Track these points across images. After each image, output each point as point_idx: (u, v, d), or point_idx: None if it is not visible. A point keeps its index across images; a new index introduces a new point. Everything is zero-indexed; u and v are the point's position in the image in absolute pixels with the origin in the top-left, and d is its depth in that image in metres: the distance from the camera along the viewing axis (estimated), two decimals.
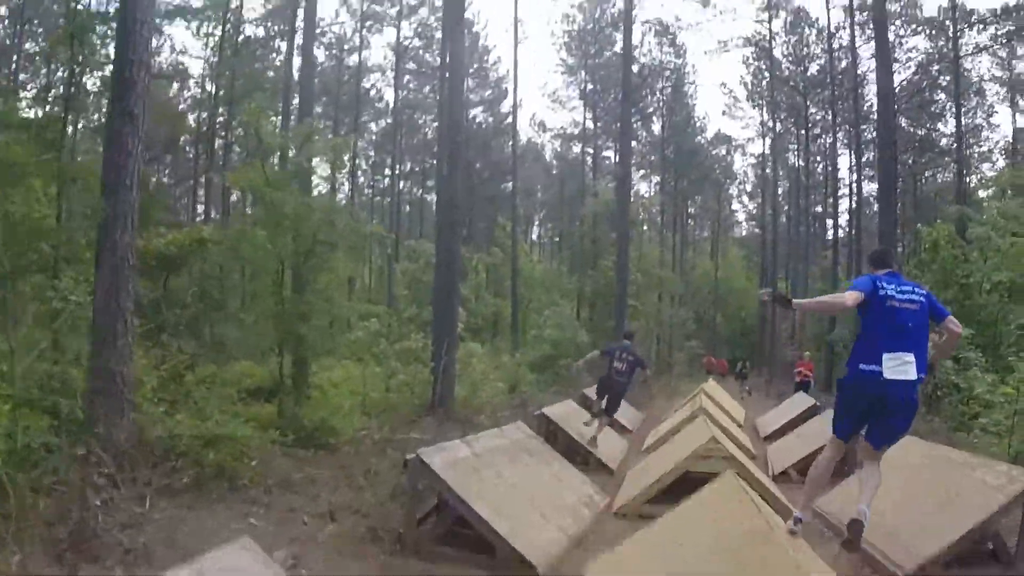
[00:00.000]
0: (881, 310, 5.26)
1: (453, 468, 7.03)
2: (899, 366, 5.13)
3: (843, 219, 48.38)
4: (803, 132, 47.65)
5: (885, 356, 5.14)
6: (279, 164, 15.16)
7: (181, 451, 8.84)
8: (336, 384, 17.01)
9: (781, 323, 46.95)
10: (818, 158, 49.80)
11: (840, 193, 48.81)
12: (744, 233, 67.83)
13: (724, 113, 79.21)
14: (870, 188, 43.80)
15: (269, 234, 13.07)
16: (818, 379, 29.45)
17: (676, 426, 14.70)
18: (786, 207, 53.15)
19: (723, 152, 58.73)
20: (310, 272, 13.64)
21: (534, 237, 65.76)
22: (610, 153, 52.15)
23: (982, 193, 38.18)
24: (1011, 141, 40.69)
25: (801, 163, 49.46)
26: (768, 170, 53.32)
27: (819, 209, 52.01)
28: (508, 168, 44.78)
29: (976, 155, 42.02)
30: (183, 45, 68.23)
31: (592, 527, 8.36)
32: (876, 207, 45.02)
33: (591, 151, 52.50)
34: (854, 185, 43.42)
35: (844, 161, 46.97)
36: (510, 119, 47.26)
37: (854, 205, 42.93)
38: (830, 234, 52.08)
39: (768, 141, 51.69)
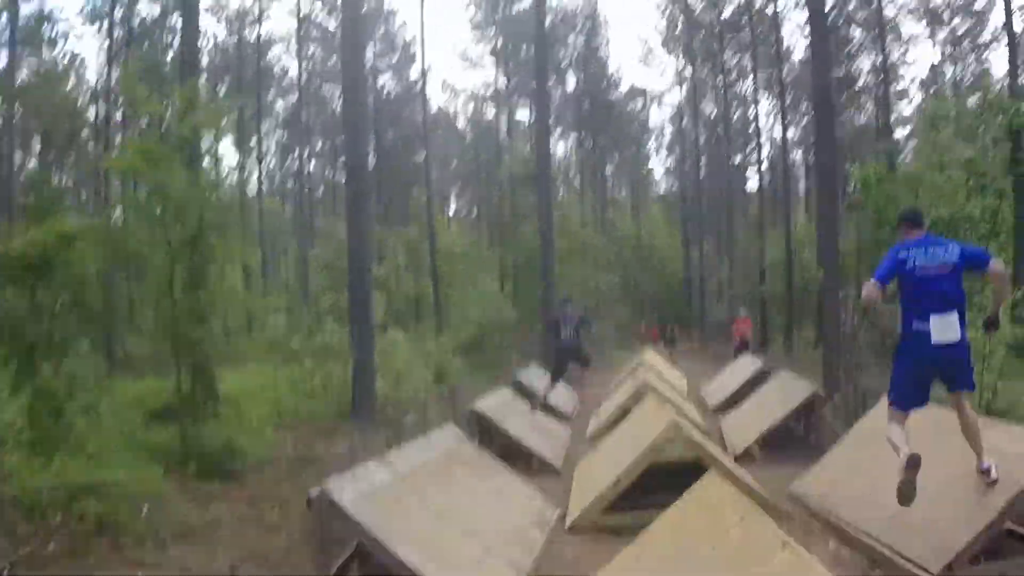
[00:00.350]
0: (914, 278, 5.44)
1: (369, 502, 5.69)
2: (945, 328, 5.31)
3: (765, 166, 47.86)
4: (720, 78, 46.41)
5: (933, 317, 5.33)
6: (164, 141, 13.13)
7: (48, 506, 7.40)
8: (249, 393, 15.43)
9: (708, 280, 46.34)
10: (736, 104, 48.85)
11: (761, 139, 48.36)
12: (663, 190, 67.19)
13: (640, 61, 77.40)
14: (792, 134, 43.36)
15: (150, 222, 11.53)
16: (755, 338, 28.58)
17: (622, 406, 13.50)
18: (704, 159, 52.26)
19: (639, 106, 57.52)
20: (202, 264, 11.86)
21: (451, 212, 64.09)
22: (524, 115, 50.79)
23: (900, 132, 38.07)
24: (930, 74, 40.28)
25: (719, 111, 48.34)
26: (685, 121, 52.31)
27: (738, 159, 51.17)
28: (420, 136, 42.74)
29: (894, 93, 41.38)
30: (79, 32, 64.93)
31: (546, 551, 7.08)
32: (800, 153, 44.85)
33: (505, 115, 50.65)
34: (775, 130, 42.56)
35: (764, 108, 45.95)
36: (419, 85, 45.58)
37: (780, 153, 41.97)
38: (753, 184, 51.68)
39: (684, 90, 50.41)
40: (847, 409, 12.47)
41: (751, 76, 44.38)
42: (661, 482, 7.38)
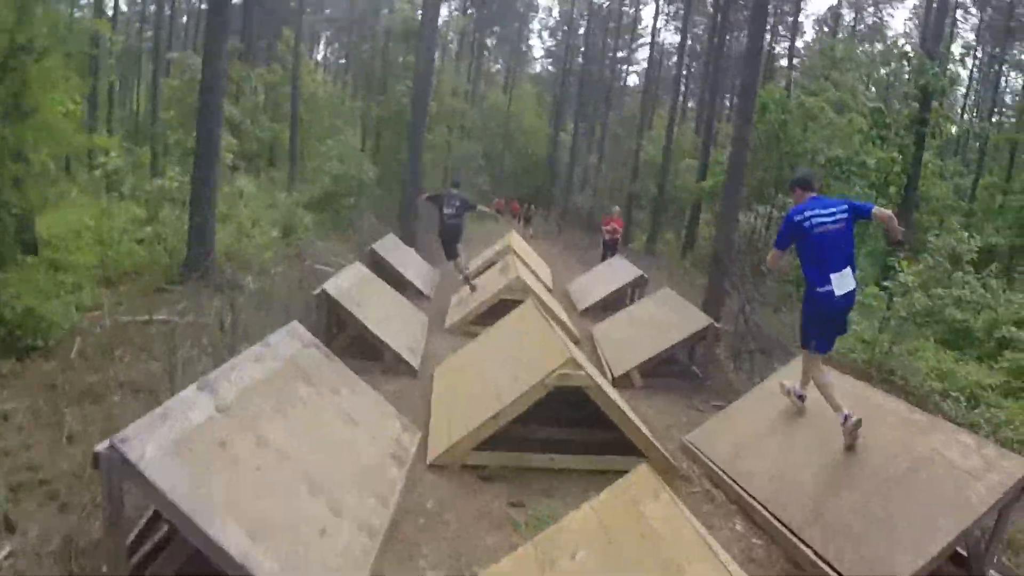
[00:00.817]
0: (813, 239, 5.82)
1: (179, 457, 4.05)
2: (843, 280, 5.77)
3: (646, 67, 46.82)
4: None
5: (833, 276, 5.76)
6: None
7: None
8: (70, 240, 13.45)
9: (574, 167, 45.41)
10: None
11: (641, 41, 47.33)
12: (539, 70, 65.56)
13: None
14: (672, 39, 42.51)
15: None
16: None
17: (490, 301, 12.32)
18: (583, 48, 50.88)
19: None
20: (16, 91, 9.69)
21: (319, 57, 60.43)
22: None
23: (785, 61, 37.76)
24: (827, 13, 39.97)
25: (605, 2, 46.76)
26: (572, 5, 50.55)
27: (620, 54, 49.97)
28: None
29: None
30: None
31: (404, 497, 5.71)
32: (675, 58, 43.89)
33: None
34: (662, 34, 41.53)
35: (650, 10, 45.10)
36: None
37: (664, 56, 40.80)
38: (632, 80, 50.90)
39: None
40: (737, 345, 11.69)
41: None
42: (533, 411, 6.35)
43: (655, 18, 45.52)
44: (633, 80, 54.29)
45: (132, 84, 44.35)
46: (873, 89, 22.45)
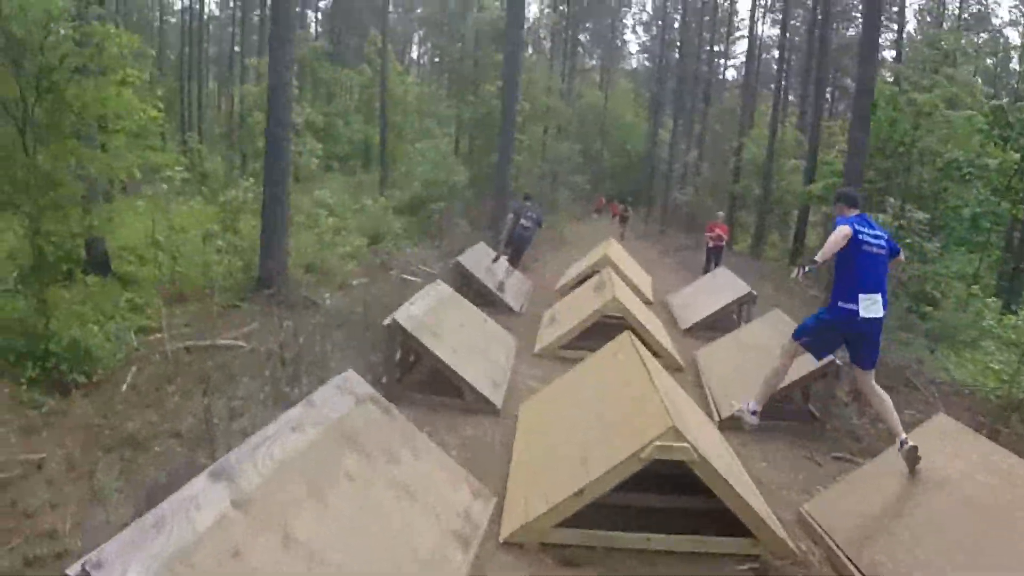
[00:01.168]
0: (858, 254, 5.61)
1: None
2: (872, 305, 5.60)
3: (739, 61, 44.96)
4: None
5: (862, 296, 5.59)
6: None
7: None
8: (144, 251, 12.66)
9: (673, 163, 43.53)
10: None
11: (738, 34, 45.30)
12: (635, 65, 63.75)
13: None
14: (771, 32, 40.33)
15: None
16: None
17: (585, 325, 10.81)
18: (679, 43, 48.87)
19: None
20: (56, 113, 8.75)
21: (413, 56, 59.81)
22: None
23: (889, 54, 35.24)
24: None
25: None
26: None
27: (717, 48, 47.72)
28: None
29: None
30: None
31: None
32: (776, 53, 41.62)
33: None
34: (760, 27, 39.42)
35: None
36: None
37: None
38: (730, 73, 48.85)
39: None
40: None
41: None
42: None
43: (752, 10, 43.19)
44: (731, 74, 52.03)
45: (229, 88, 44.33)
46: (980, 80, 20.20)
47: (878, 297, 5.64)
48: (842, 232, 5.57)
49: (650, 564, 5.10)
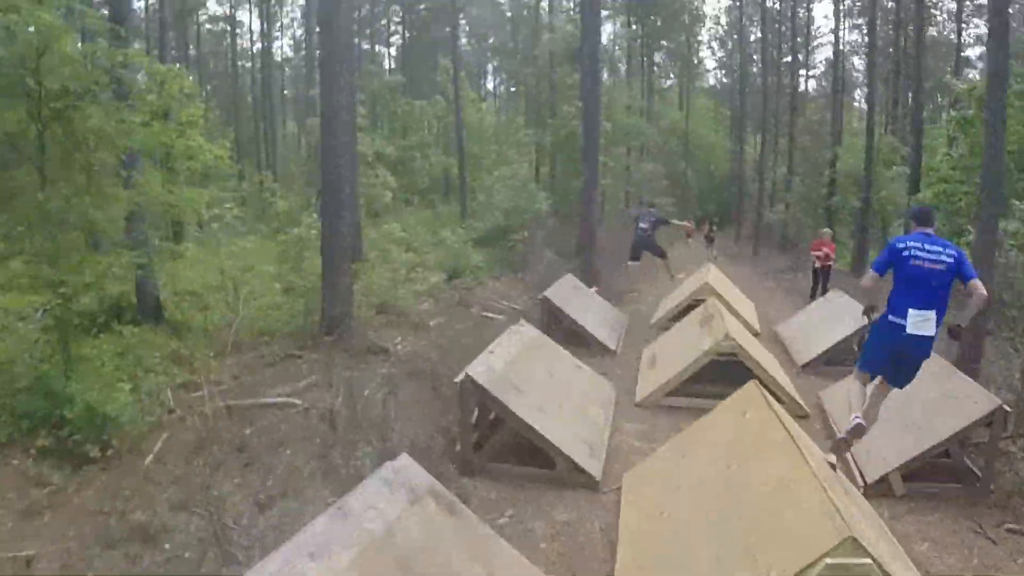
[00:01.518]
0: (907, 269, 5.58)
1: None
2: (922, 323, 5.50)
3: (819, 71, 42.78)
4: None
5: (911, 312, 5.51)
6: None
7: None
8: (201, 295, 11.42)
9: (753, 183, 41.25)
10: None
11: (816, 43, 43.04)
12: (713, 83, 61.39)
13: None
14: (851, 38, 38.02)
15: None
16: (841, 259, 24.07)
17: (692, 364, 8.99)
18: (756, 57, 46.72)
19: None
20: (66, 145, 7.51)
21: (489, 87, 58.61)
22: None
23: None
24: None
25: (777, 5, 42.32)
26: (741, 13, 46.43)
27: (789, 59, 45.33)
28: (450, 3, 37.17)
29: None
30: None
31: None
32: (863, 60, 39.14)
33: None
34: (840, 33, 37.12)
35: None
36: None
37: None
38: (811, 84, 46.34)
39: None
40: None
41: None
42: None
43: (836, 14, 40.47)
44: (812, 84, 49.54)
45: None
46: None
47: (931, 315, 5.54)
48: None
49: None
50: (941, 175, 18.55)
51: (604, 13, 42.59)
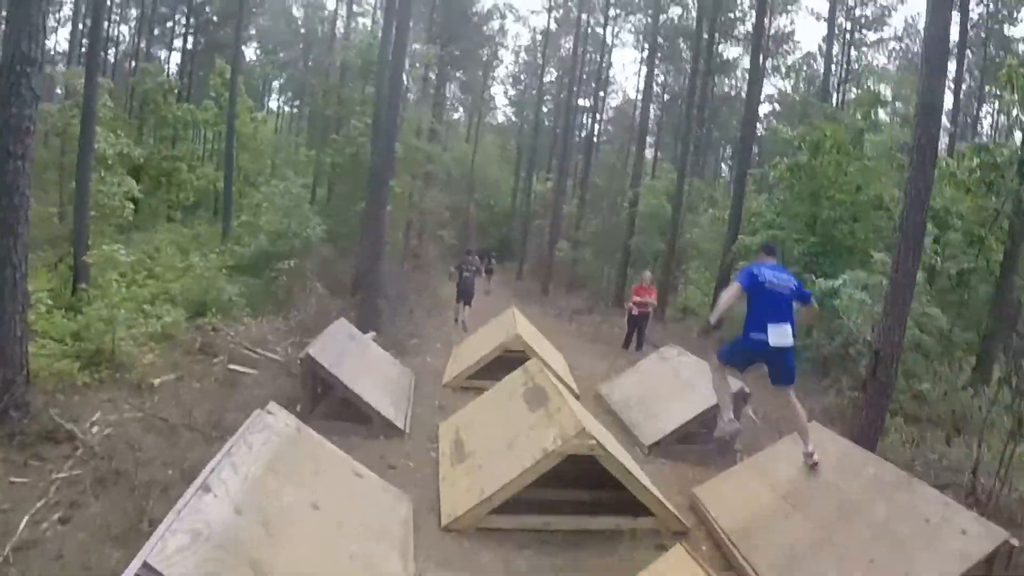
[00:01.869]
0: (761, 292, 6.33)
1: None
2: (781, 335, 6.20)
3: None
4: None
5: (770, 326, 6.20)
6: None
7: None
8: None
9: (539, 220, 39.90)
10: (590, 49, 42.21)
11: (611, 89, 42.87)
12: (502, 119, 60.42)
13: None
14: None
15: None
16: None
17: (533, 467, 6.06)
18: (549, 98, 45.86)
19: (497, 26, 49.68)
20: None
21: (273, 105, 54.42)
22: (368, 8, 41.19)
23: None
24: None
25: (571, 48, 41.64)
26: (539, 56, 45.37)
27: (586, 103, 44.81)
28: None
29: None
30: None
31: None
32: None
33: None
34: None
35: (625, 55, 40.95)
36: None
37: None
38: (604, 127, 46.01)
39: (552, 17, 42.83)
40: None
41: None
42: None
43: (644, 63, 40.07)
44: (606, 127, 49.52)
45: None
46: None
47: (787, 328, 6.26)
48: (729, 290, 6.62)
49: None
50: (766, 221, 17.72)
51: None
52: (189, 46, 38.59)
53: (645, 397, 10.17)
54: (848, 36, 36.63)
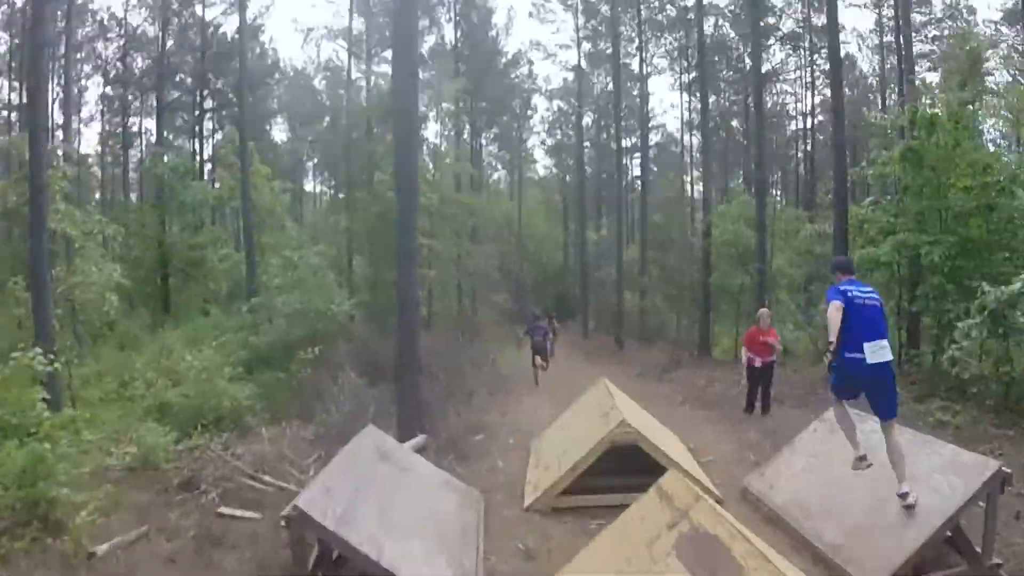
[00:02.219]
0: (852, 309, 6.05)
1: None
2: (878, 351, 5.95)
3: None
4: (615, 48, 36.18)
5: (866, 345, 5.92)
6: None
7: None
8: None
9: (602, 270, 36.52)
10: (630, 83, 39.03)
11: (651, 124, 39.62)
12: (543, 173, 57.40)
13: (531, 15, 64.48)
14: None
15: None
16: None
17: None
18: (587, 145, 42.81)
19: (526, 71, 46.71)
20: None
21: (307, 187, 51.76)
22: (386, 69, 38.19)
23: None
24: None
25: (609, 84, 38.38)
26: (574, 100, 42.27)
27: (627, 143, 41.39)
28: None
29: None
30: None
31: None
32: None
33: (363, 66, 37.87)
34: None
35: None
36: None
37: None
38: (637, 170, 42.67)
39: (582, 51, 39.50)
40: None
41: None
42: None
43: (681, 92, 37.02)
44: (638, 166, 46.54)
45: None
46: None
47: (884, 343, 5.98)
48: (834, 307, 6.02)
49: None
50: (882, 227, 14.52)
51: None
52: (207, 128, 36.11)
53: (829, 498, 6.53)
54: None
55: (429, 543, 5.73)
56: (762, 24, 28.41)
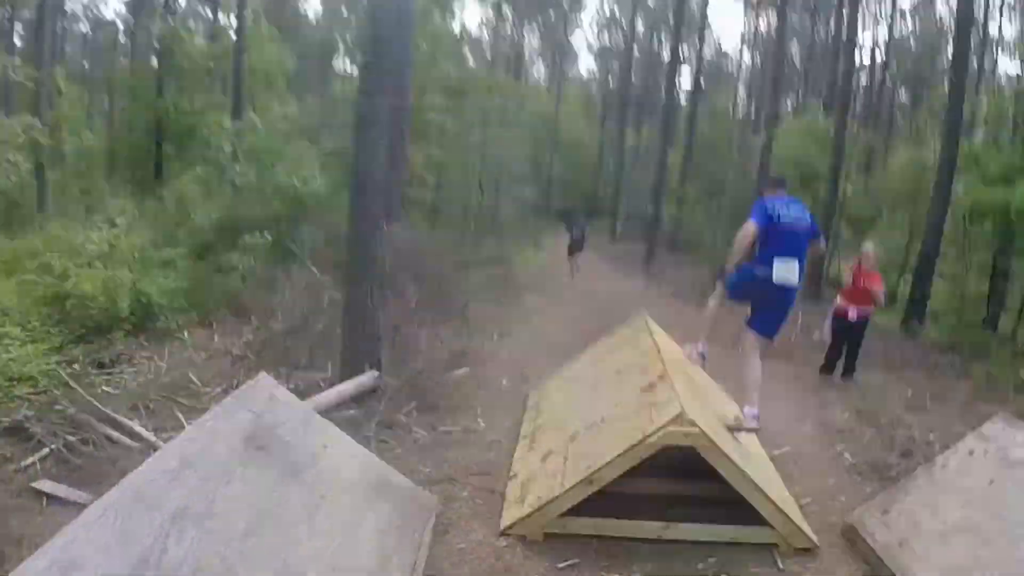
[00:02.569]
0: (775, 233, 5.46)
1: None
2: (787, 272, 5.40)
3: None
4: None
5: (776, 261, 5.37)
6: None
7: None
8: None
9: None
10: None
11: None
12: (585, 75, 54.41)
13: None
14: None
15: None
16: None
17: None
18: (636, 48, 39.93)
19: None
20: None
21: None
22: None
23: None
24: None
25: None
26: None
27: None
28: None
29: None
30: None
31: None
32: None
33: None
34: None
35: None
36: None
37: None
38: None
39: None
40: None
41: None
42: None
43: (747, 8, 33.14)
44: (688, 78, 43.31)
45: None
46: None
47: (794, 264, 5.43)
48: (745, 230, 5.43)
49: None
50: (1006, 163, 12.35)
51: None
52: None
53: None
54: None
55: None
56: None
